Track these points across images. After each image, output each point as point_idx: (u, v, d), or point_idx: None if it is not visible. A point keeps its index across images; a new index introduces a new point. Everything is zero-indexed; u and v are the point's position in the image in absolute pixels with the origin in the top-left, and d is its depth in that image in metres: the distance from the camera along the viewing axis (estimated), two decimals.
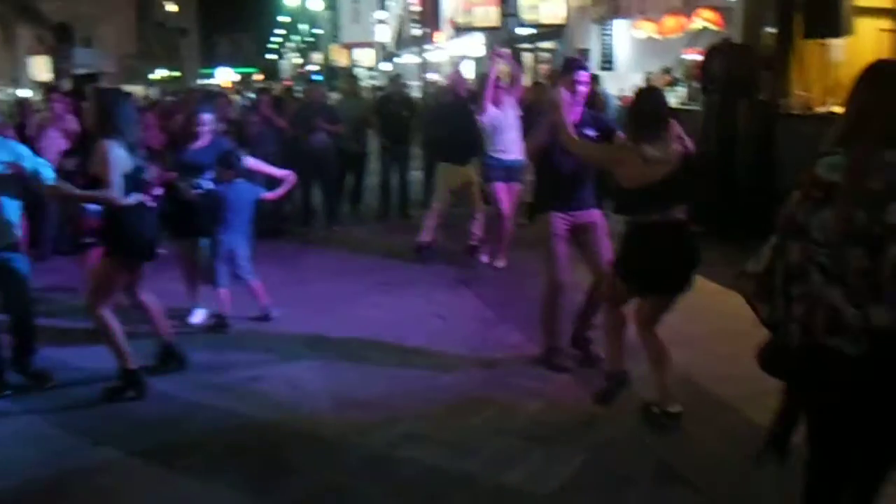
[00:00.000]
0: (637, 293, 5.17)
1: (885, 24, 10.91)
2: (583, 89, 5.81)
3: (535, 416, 5.27)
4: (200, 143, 7.30)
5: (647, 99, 5.18)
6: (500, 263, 9.15)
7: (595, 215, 6.03)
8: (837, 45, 10.47)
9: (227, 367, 6.23)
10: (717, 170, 10.20)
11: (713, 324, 6.92)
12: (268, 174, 7.64)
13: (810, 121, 9.64)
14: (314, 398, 5.64)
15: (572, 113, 5.64)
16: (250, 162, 7.43)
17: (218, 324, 7.10)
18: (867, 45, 10.82)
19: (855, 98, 2.97)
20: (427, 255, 9.59)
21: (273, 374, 6.07)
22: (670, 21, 15.21)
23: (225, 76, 71.70)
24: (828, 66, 10.78)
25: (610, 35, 18.00)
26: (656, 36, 16.13)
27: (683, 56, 15.15)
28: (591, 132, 5.81)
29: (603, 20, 17.58)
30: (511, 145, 8.68)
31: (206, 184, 7.11)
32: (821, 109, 10.17)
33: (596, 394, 5.45)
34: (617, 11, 16.49)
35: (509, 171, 8.85)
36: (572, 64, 6.05)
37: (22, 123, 10.70)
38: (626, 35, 17.68)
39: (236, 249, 7.10)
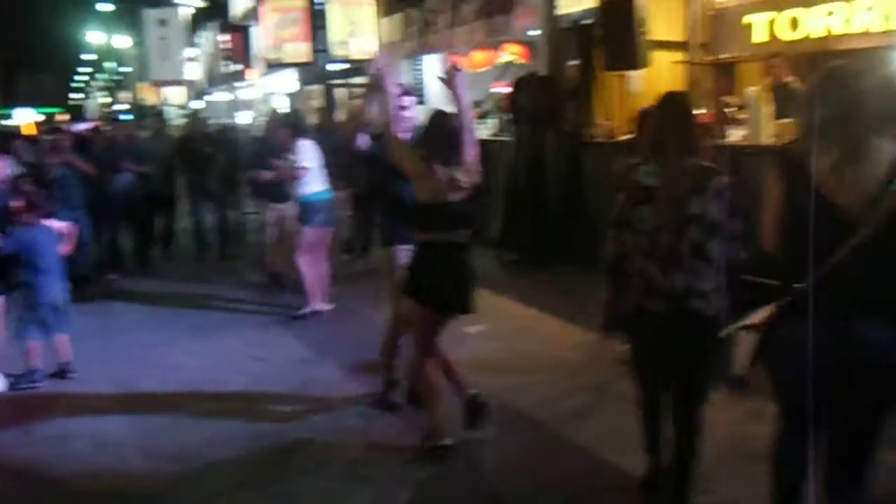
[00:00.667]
0: (432, 311, 5.05)
1: (677, 56, 11.48)
2: (407, 114, 5.61)
3: (359, 456, 5.16)
4: None
5: (439, 122, 5.13)
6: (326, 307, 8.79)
7: None
8: (636, 76, 10.93)
9: (30, 430, 5.83)
10: (528, 198, 10.45)
11: (527, 348, 7.05)
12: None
13: (613, 148, 10.00)
14: (124, 455, 5.33)
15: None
16: None
17: (29, 379, 6.62)
18: (663, 76, 11.35)
19: (654, 121, 4.03)
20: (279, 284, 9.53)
21: (80, 434, 5.69)
22: (478, 55, 15.55)
23: (26, 117, 68.20)
24: (627, 97, 11.23)
25: (421, 70, 18.24)
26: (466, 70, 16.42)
27: (492, 89, 15.49)
28: None
29: (413, 55, 17.78)
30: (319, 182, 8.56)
31: None
32: (623, 137, 10.56)
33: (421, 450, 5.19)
34: (426, 47, 16.71)
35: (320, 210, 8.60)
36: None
37: None
38: (436, 69, 17.95)
39: (51, 296, 6.65)
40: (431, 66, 18.09)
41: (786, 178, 3.26)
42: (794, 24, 9.58)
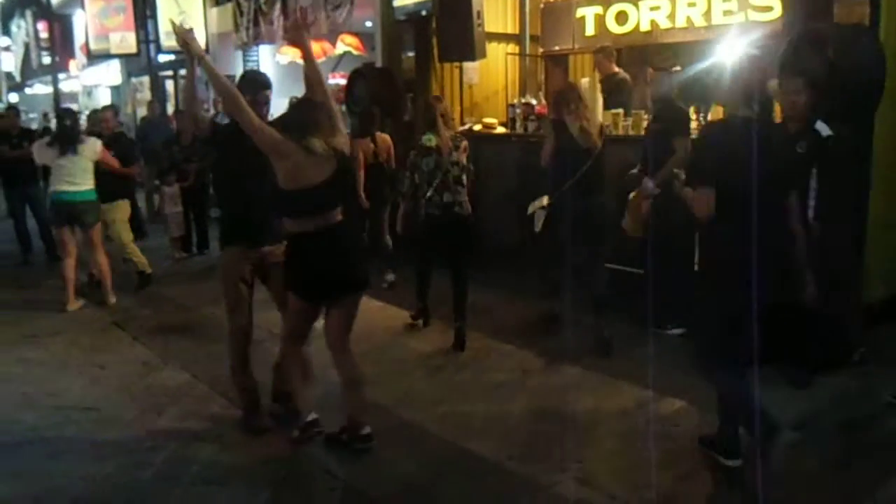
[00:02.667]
0: (313, 301, 4.95)
1: (511, 48, 11.71)
2: (266, 109, 5.28)
3: (211, 460, 5.03)
4: None
5: (300, 104, 5.13)
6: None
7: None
8: (472, 67, 11.07)
9: None
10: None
11: (377, 340, 7.06)
12: None
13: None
14: None
15: None
16: None
17: None
18: (498, 67, 11.58)
19: (430, 108, 7.07)
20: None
21: None
22: (314, 46, 15.37)
23: None
24: (465, 87, 11.37)
25: (255, 61, 17.89)
26: (299, 60, 16.21)
27: (329, 81, 15.37)
28: None
29: (246, 46, 17.42)
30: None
31: None
32: (461, 128, 10.70)
33: (293, 440, 5.14)
34: (260, 37, 16.39)
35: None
36: (256, 83, 5.33)
37: None
38: (270, 60, 17.67)
39: None
40: (266, 57, 17.81)
41: (556, 134, 6.68)
42: (623, 17, 9.92)
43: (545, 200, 6.84)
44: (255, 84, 5.30)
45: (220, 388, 5.99)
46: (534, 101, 10.27)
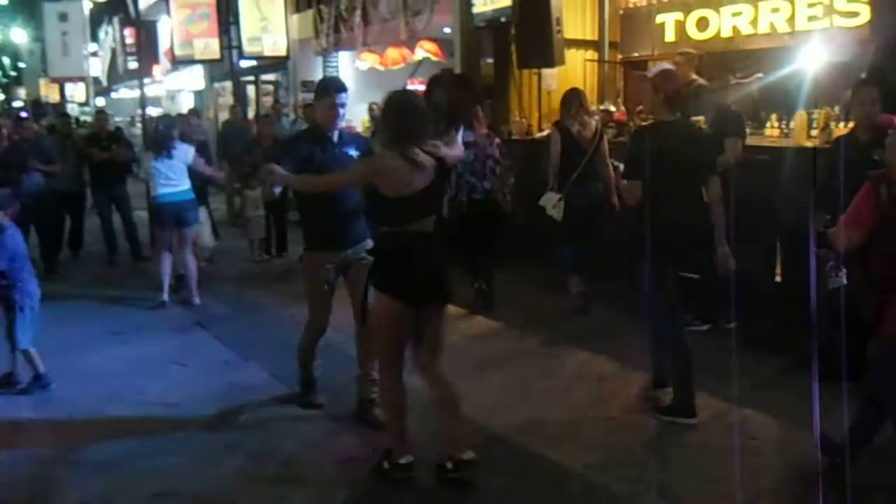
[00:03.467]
0: (407, 302, 4.76)
1: (590, 54, 11.69)
2: (342, 111, 5.43)
3: (290, 459, 5.11)
4: None
5: (399, 100, 4.85)
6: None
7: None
8: (551, 74, 11.08)
9: None
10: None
11: (477, 355, 7.03)
12: None
13: (531, 144, 10.13)
14: (47, 465, 5.16)
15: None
16: None
17: (37, 383, 6.41)
18: (577, 74, 11.55)
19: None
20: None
21: None
22: (393, 53, 15.56)
23: None
24: (543, 94, 11.38)
25: (335, 67, 18.14)
26: (379, 67, 16.42)
27: (408, 86, 15.49)
28: (352, 151, 5.50)
29: (326, 52, 17.67)
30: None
31: None
32: (539, 134, 10.70)
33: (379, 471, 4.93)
34: (340, 44, 16.62)
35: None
36: (332, 86, 5.51)
37: None
38: (349, 66, 17.89)
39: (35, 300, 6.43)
40: (345, 63, 18.03)
41: (561, 136, 7.78)
42: (704, 23, 9.82)
43: (555, 196, 7.79)
44: (331, 88, 5.47)
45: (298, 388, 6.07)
46: (612, 108, 10.24)
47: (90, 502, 4.68)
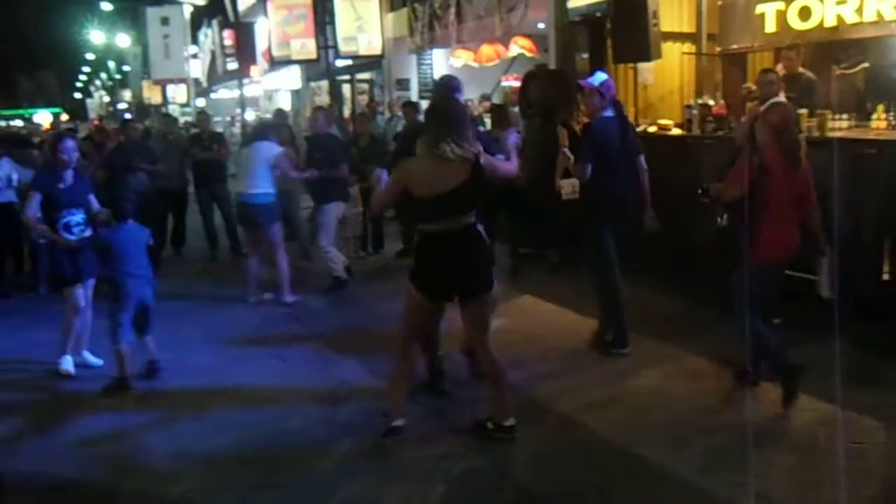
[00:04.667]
0: (429, 297, 5.17)
1: (687, 47, 11.47)
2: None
3: (388, 453, 5.16)
4: (67, 177, 6.86)
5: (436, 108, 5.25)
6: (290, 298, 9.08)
7: None
8: (647, 68, 10.92)
9: (54, 431, 5.81)
10: (541, 191, 10.44)
11: (547, 343, 7.06)
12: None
13: None
14: (152, 456, 5.32)
15: None
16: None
17: (118, 385, 6.53)
18: (673, 68, 11.37)
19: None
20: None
21: (105, 434, 5.70)
22: (487, 49, 15.56)
23: (46, 117, 67.93)
24: (639, 88, 11.23)
25: (429, 64, 18.24)
26: (473, 63, 16.45)
27: (502, 83, 15.49)
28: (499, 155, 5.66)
29: (420, 50, 17.77)
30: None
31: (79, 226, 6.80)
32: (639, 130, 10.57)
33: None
34: (434, 41, 16.68)
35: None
36: (446, 86, 5.90)
37: None
38: (443, 64, 17.95)
39: (145, 299, 6.65)
40: (439, 61, 18.09)
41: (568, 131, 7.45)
42: (806, 13, 9.54)
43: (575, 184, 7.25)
44: (445, 88, 5.76)
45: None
46: (711, 102, 10.03)
47: (194, 494, 4.80)
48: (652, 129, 10.16)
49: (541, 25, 13.46)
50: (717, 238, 5.82)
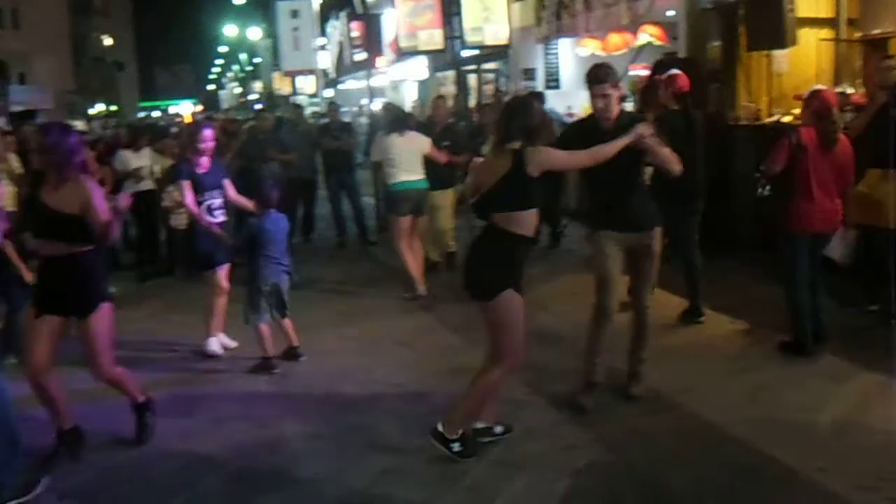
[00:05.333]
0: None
1: (825, 33, 11.08)
2: (605, 101, 5.39)
3: (514, 444, 5.16)
4: (205, 163, 7.15)
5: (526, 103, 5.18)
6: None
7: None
8: (782, 55, 10.59)
9: (189, 410, 6.03)
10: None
11: (677, 336, 6.98)
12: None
13: (759, 131, 9.75)
14: (285, 437, 5.48)
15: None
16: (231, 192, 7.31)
17: (264, 365, 6.78)
18: (809, 55, 10.98)
19: None
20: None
21: (238, 415, 5.90)
22: (615, 38, 15.33)
23: (186, 108, 70.71)
24: (773, 77, 10.91)
25: (555, 54, 18.10)
26: (600, 53, 16.24)
27: (630, 72, 15.25)
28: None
29: (547, 40, 17.67)
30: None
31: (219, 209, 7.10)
32: (768, 119, 10.28)
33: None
34: (561, 31, 16.56)
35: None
36: (590, 77, 5.53)
37: None
38: (570, 53, 17.79)
39: (280, 283, 6.86)
40: (565, 50, 17.93)
41: None
42: None
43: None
44: (590, 79, 5.48)
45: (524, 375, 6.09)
46: (850, 90, 9.66)
47: (323, 475, 4.92)
48: (786, 118, 9.85)
49: (670, 13, 13.19)
50: (759, 206, 6.81)
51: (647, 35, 14.34)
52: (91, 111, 56.73)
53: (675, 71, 7.51)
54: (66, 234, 5.03)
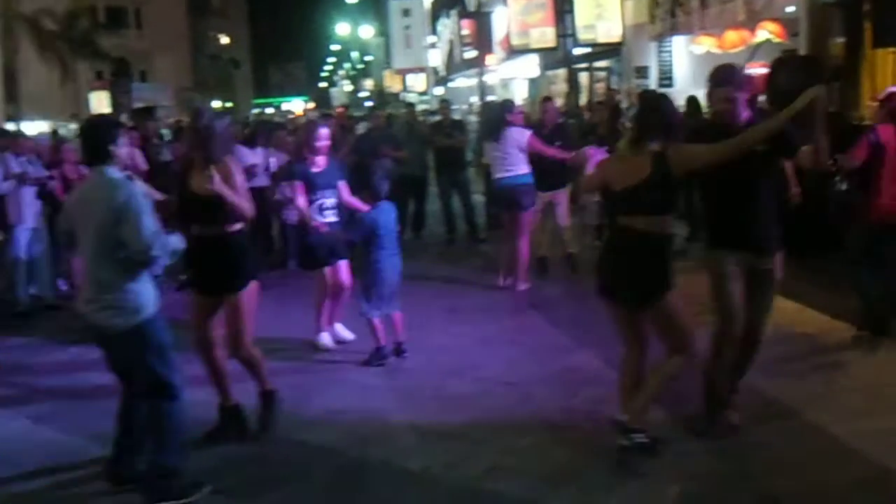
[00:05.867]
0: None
1: None
2: (730, 105, 4.92)
3: (626, 447, 5.06)
4: (321, 162, 7.27)
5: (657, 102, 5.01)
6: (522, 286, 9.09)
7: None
8: None
9: (306, 400, 6.14)
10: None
11: (793, 344, 6.77)
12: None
13: None
14: (397, 430, 5.55)
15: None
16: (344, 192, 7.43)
17: (377, 356, 6.89)
18: None
19: None
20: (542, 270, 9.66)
21: (352, 406, 5.99)
22: (731, 35, 15.00)
23: (298, 106, 72.40)
24: None
25: (669, 52, 17.84)
26: (715, 50, 15.92)
27: (748, 70, 14.90)
28: None
29: (661, 37, 17.42)
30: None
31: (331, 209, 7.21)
32: None
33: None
34: (675, 28, 16.31)
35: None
36: (713, 79, 5.11)
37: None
38: (684, 51, 17.51)
39: (391, 276, 6.95)
40: (679, 48, 17.67)
41: None
42: None
43: None
44: (712, 81, 5.20)
45: None
46: None
47: (434, 468, 4.97)
48: None
49: (790, 8, 12.84)
50: (836, 199, 7.02)
51: (766, 32, 13.98)
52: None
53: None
54: (213, 215, 5.24)
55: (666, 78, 17.77)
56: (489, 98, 26.32)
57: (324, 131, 7.33)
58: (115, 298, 4.52)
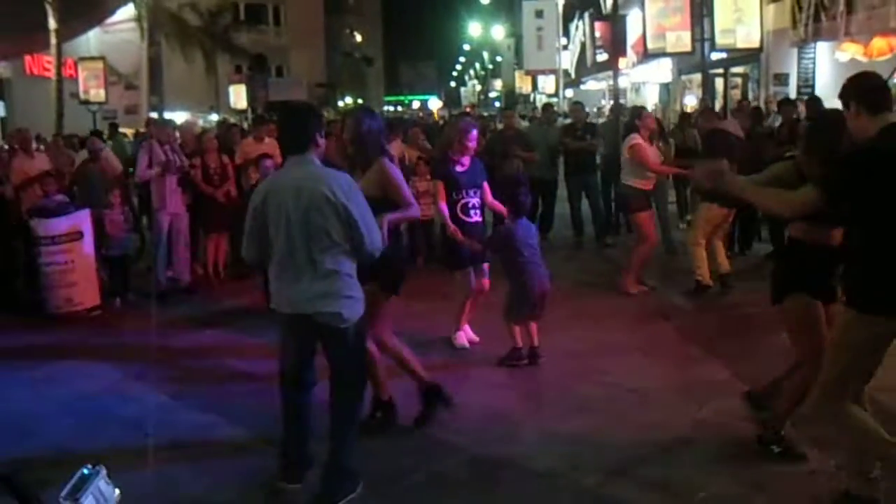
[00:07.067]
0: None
1: None
2: None
3: (752, 461, 5.00)
4: (466, 161, 7.30)
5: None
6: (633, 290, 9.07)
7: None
8: None
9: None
10: None
11: None
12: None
13: None
14: (522, 430, 5.60)
15: None
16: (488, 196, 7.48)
17: (513, 356, 6.92)
18: None
19: None
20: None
21: (477, 404, 6.04)
22: (879, 42, 14.46)
23: (435, 104, 73.38)
24: None
25: (811, 59, 17.31)
26: (861, 58, 15.38)
27: (894, 79, 14.34)
28: None
29: (803, 43, 16.91)
30: None
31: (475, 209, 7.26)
32: None
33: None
34: (819, 34, 15.80)
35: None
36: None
37: (231, 148, 11.14)
38: (827, 58, 16.95)
39: (541, 285, 6.95)
40: (822, 55, 17.12)
41: None
42: None
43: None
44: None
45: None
46: None
47: (557, 470, 4.98)
48: None
49: None
50: None
51: None
52: (340, 104, 59.57)
53: None
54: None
55: (806, 86, 17.26)
56: (620, 102, 26.07)
57: (474, 132, 7.36)
58: (339, 288, 4.51)
